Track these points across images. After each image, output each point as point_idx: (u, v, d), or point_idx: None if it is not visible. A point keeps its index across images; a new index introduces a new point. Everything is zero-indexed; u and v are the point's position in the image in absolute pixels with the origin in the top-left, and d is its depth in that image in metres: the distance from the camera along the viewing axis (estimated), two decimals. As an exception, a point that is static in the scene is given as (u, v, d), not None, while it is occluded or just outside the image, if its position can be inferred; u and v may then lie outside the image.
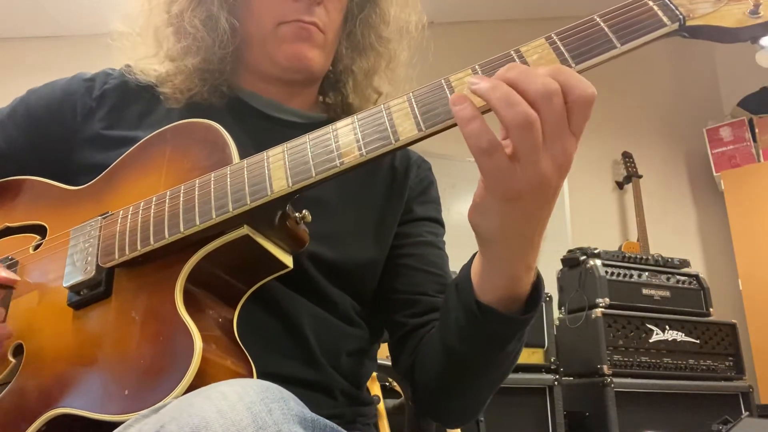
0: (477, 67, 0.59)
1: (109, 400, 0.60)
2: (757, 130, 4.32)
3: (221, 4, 0.85)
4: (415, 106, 0.60)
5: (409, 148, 0.98)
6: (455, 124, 0.57)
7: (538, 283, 0.68)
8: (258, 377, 0.64)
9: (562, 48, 0.57)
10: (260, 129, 0.86)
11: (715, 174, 4.37)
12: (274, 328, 0.76)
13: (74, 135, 0.87)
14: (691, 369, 2.81)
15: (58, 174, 0.85)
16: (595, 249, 2.93)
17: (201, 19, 0.85)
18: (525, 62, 0.58)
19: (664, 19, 0.56)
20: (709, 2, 0.57)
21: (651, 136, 4.53)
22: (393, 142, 0.59)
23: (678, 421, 2.66)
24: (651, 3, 0.57)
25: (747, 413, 2.69)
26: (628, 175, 4.22)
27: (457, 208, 3.93)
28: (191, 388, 0.56)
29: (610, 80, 4.54)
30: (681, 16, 0.56)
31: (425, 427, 1.10)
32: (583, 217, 4.12)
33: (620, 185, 4.34)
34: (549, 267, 3.22)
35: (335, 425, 0.51)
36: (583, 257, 2.91)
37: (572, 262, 2.95)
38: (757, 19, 0.56)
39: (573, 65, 0.56)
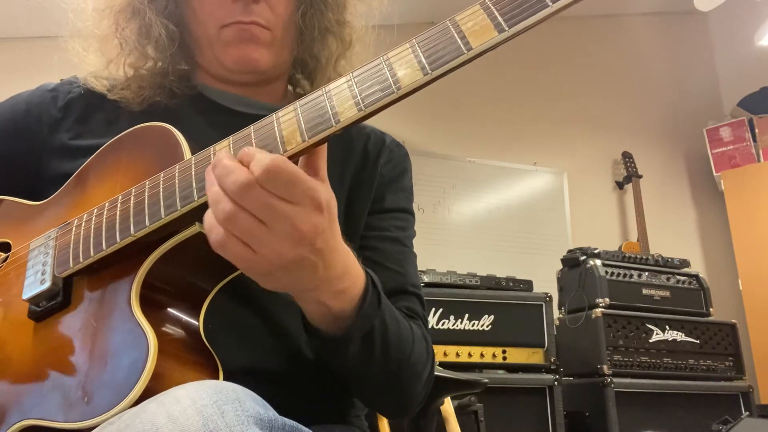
0: (415, 41, 0.59)
1: (70, 408, 0.60)
2: (757, 130, 4.32)
3: (155, 12, 0.86)
4: (355, 87, 0.59)
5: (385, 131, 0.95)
6: (390, 103, 0.57)
7: (365, 294, 0.67)
8: (237, 375, 0.63)
9: (495, 12, 0.56)
10: (229, 126, 0.86)
11: (715, 174, 4.37)
12: (254, 325, 0.76)
13: (41, 147, 0.86)
14: (691, 369, 2.80)
15: (27, 188, 0.84)
16: (595, 249, 2.93)
17: (135, 29, 0.87)
18: (459, 30, 0.57)
19: None
20: None
21: (651, 136, 4.52)
22: (334, 124, 0.58)
23: (678, 421, 2.65)
24: None
25: (747, 413, 2.69)
26: (628, 175, 4.22)
27: (457, 208, 3.95)
28: (149, 390, 0.55)
29: (611, 80, 4.55)
30: None
31: (425, 427, 1.10)
32: (583, 217, 4.12)
33: (620, 185, 4.34)
34: (549, 267, 3.23)
35: (297, 424, 0.51)
36: (583, 257, 2.90)
37: (572, 262, 2.95)
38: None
39: (507, 28, 0.55)
